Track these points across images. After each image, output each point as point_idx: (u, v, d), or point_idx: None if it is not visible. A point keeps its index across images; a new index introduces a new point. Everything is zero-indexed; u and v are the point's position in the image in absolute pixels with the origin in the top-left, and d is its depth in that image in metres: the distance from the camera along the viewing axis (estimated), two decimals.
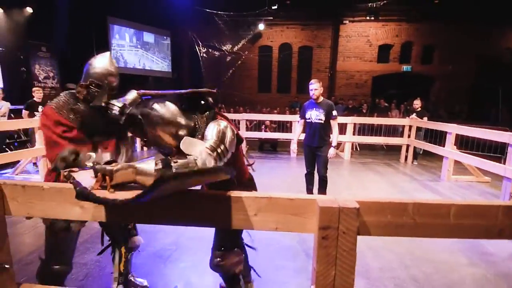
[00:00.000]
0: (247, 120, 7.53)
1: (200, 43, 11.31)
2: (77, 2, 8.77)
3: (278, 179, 5.10)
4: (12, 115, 5.95)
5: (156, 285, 2.16)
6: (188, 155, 1.27)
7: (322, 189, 3.76)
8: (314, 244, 1.04)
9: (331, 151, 3.70)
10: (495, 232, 1.05)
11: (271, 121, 8.28)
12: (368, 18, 12.11)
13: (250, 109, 11.21)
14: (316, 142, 3.65)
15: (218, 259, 1.57)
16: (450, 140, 5.32)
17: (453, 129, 5.32)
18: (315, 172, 3.80)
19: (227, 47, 11.73)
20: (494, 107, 11.33)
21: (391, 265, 2.60)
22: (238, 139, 1.52)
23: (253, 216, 1.09)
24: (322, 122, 3.62)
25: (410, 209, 1.05)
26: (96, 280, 2.20)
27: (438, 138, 6.37)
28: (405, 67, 12.43)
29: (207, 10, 10.77)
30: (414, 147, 6.67)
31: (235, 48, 11.96)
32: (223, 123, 1.42)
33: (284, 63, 13.32)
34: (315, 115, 3.65)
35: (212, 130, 1.38)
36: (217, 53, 11.62)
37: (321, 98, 3.68)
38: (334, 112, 3.66)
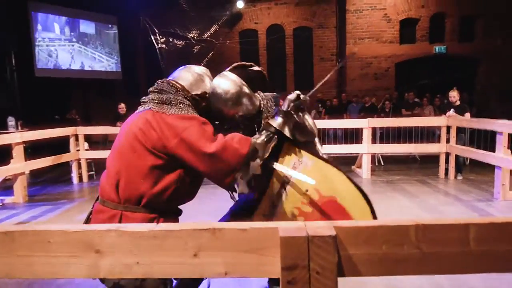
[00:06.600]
0: None
1: (157, 31, 11.47)
2: None
3: None
4: None
5: None
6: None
7: None
8: None
9: None
10: None
11: None
12: None
13: None
14: None
15: None
16: (501, 142, 5.35)
17: (504, 127, 5.36)
18: None
19: (194, 34, 11.90)
20: None
21: None
22: None
23: (193, 258, 1.06)
24: None
25: (412, 233, 1.03)
26: None
27: (489, 141, 6.39)
28: (438, 48, 12.76)
29: None
30: (457, 156, 6.68)
31: (206, 35, 12.14)
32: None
33: (275, 51, 13.58)
34: None
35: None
36: (180, 42, 11.78)
37: None
38: None
